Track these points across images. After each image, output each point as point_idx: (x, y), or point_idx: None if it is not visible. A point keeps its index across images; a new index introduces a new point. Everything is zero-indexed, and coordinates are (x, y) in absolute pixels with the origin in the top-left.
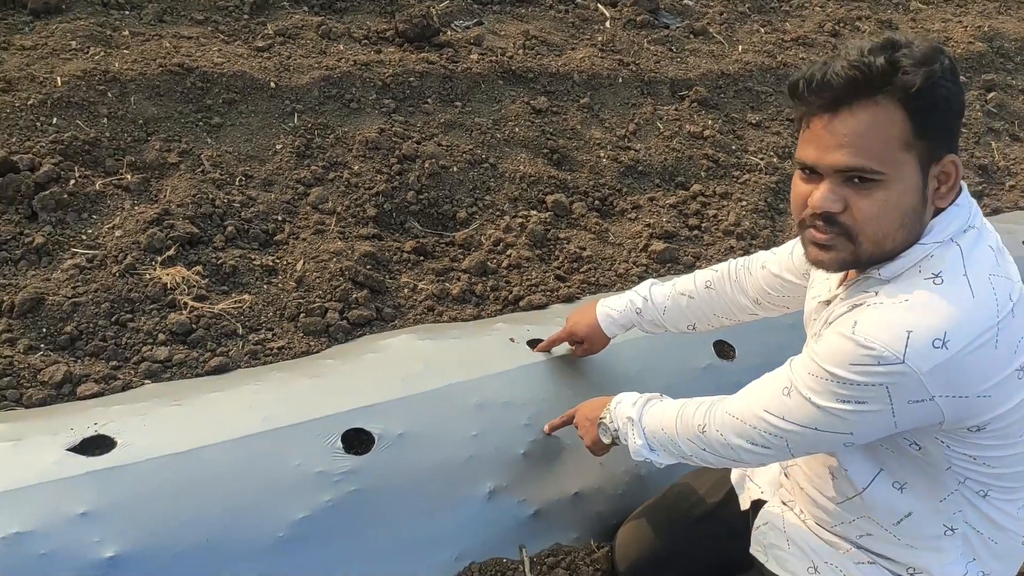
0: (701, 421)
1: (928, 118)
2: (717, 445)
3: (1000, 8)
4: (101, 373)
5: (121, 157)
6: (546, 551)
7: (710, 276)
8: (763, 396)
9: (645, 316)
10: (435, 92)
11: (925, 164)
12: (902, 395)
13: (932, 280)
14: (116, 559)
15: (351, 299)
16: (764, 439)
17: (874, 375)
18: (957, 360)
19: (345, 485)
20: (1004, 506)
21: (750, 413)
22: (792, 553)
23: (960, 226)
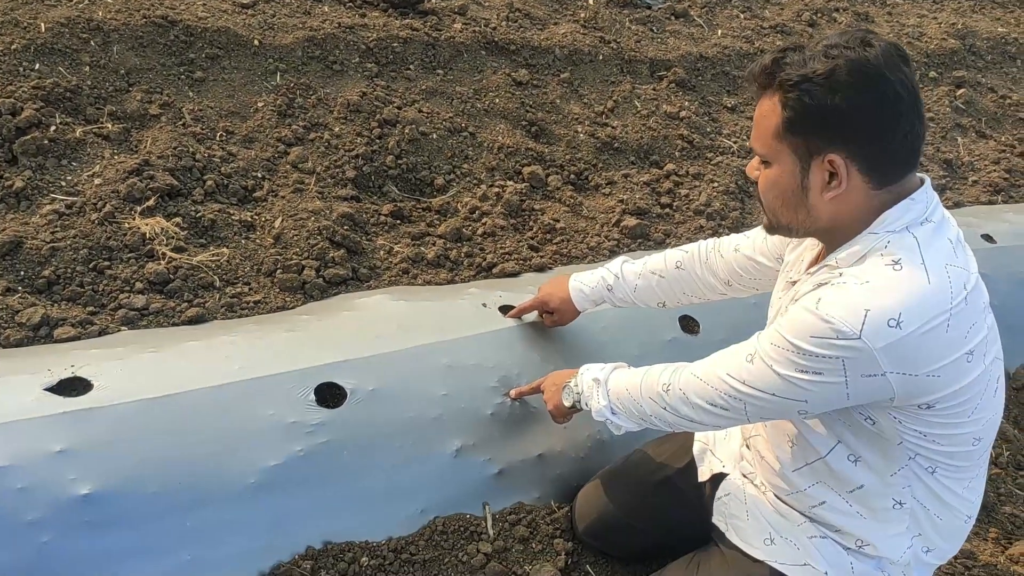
0: (666, 381)
1: (798, 117)
2: (679, 404)
3: (975, 7)
4: (78, 318)
5: (102, 106)
6: (508, 509)
7: (680, 256)
8: (728, 361)
9: (616, 293)
10: (418, 59)
11: (803, 156)
12: (856, 369)
13: (892, 266)
14: (90, 496)
15: (328, 258)
16: (724, 401)
17: (832, 348)
18: (909, 340)
19: (316, 436)
20: (951, 484)
21: (714, 376)
22: (750, 524)
23: (915, 218)
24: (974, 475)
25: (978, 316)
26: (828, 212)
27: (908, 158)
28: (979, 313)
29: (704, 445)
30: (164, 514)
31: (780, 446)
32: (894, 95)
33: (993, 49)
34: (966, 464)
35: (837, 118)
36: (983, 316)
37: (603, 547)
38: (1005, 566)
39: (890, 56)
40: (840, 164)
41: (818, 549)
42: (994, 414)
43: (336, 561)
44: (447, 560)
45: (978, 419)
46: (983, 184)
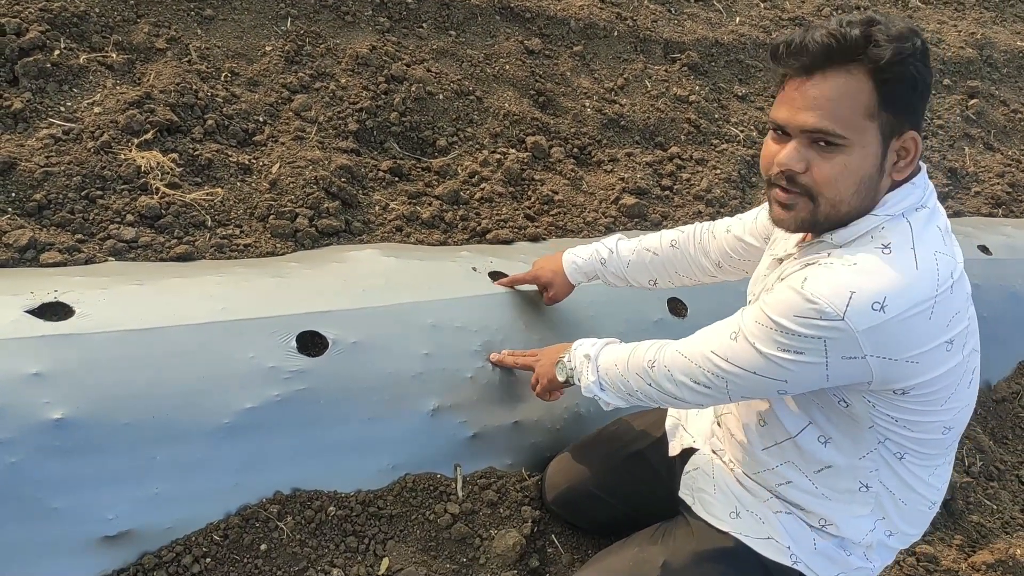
0: (652, 357)
1: (894, 91)
2: (663, 380)
3: (996, 18)
4: (66, 244)
5: (108, 35)
6: (479, 473)
7: (676, 236)
8: (712, 339)
9: (609, 267)
10: (431, 17)
11: (887, 136)
12: (837, 350)
13: (881, 249)
14: (62, 422)
15: (322, 208)
16: (707, 379)
17: (814, 328)
18: (892, 324)
19: (295, 383)
20: (918, 471)
21: (698, 353)
22: (717, 498)
23: (913, 203)
24: (941, 462)
25: (961, 305)
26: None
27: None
28: (962, 302)
29: (676, 421)
30: (135, 446)
31: (750, 425)
32: None
33: (1010, 62)
34: (934, 452)
35: (920, 94)
36: (965, 306)
37: (571, 517)
38: (966, 573)
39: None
40: (917, 141)
41: (782, 524)
42: (966, 405)
43: (303, 508)
44: (414, 517)
45: (950, 408)
46: (985, 196)
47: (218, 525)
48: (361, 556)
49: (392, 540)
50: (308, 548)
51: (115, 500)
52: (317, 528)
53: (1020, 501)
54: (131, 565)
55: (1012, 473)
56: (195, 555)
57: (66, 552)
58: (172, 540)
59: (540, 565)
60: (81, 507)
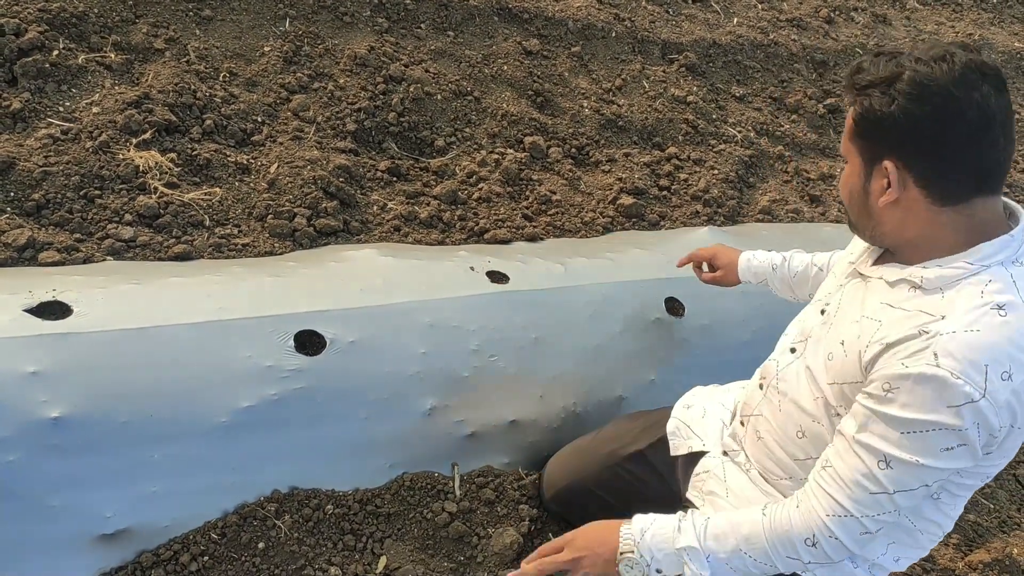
0: (806, 534)
1: (861, 120)
2: (831, 552)
3: (994, 19)
4: (64, 244)
5: (107, 35)
6: (477, 471)
7: None
8: (857, 480)
9: (778, 272)
10: (429, 18)
11: (867, 160)
12: (985, 428)
13: (997, 311)
14: (60, 420)
15: (320, 208)
16: (877, 522)
17: (969, 413)
18: (1017, 391)
19: (292, 382)
20: (946, 508)
21: (851, 504)
22: (730, 502)
23: (1009, 256)
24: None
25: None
26: (889, 221)
27: (975, 180)
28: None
29: (679, 421)
30: (132, 444)
31: (788, 434)
32: (955, 113)
33: (1007, 64)
34: (967, 494)
35: (890, 127)
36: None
37: (569, 516)
38: (963, 572)
39: (966, 75)
40: (892, 171)
41: None
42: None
43: (301, 507)
44: (411, 516)
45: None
46: None
47: (216, 523)
48: (359, 554)
49: (390, 539)
50: (306, 546)
51: (113, 498)
52: (315, 526)
53: (1017, 500)
54: (129, 563)
55: (1009, 472)
56: (193, 553)
57: (64, 550)
58: (170, 538)
59: None
60: (79, 505)
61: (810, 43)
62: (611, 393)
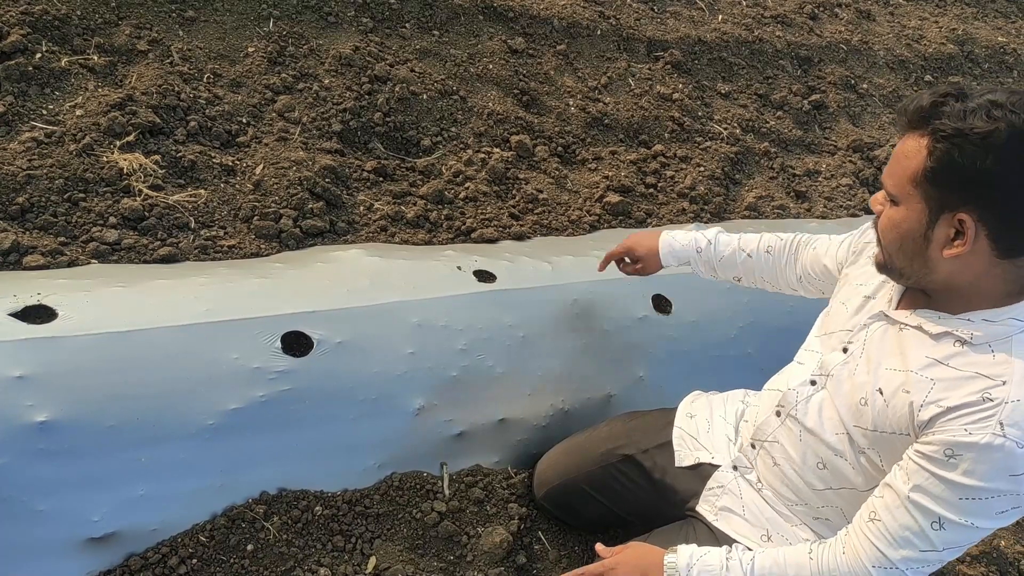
0: None
1: (942, 169)
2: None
3: (977, 14)
4: (49, 247)
5: (90, 37)
6: (466, 471)
7: (774, 242)
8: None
9: (703, 255)
10: (414, 17)
11: (935, 208)
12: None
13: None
14: (47, 424)
15: (306, 208)
16: (920, 574)
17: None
18: None
19: (280, 384)
20: None
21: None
22: (747, 519)
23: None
24: None
25: None
26: (945, 270)
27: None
28: None
29: (683, 432)
30: (120, 448)
31: (807, 464)
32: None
33: (991, 58)
34: None
35: (982, 181)
36: None
37: (560, 513)
38: (951, 565)
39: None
40: (970, 225)
41: None
42: None
43: (290, 508)
44: (401, 516)
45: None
46: None
47: (204, 526)
48: (348, 555)
49: (379, 539)
50: (295, 548)
51: (101, 502)
52: (304, 528)
53: None
54: (117, 567)
55: None
56: (181, 556)
57: (52, 554)
58: (158, 541)
59: (527, 562)
60: (66, 509)
61: (795, 39)
62: (600, 391)
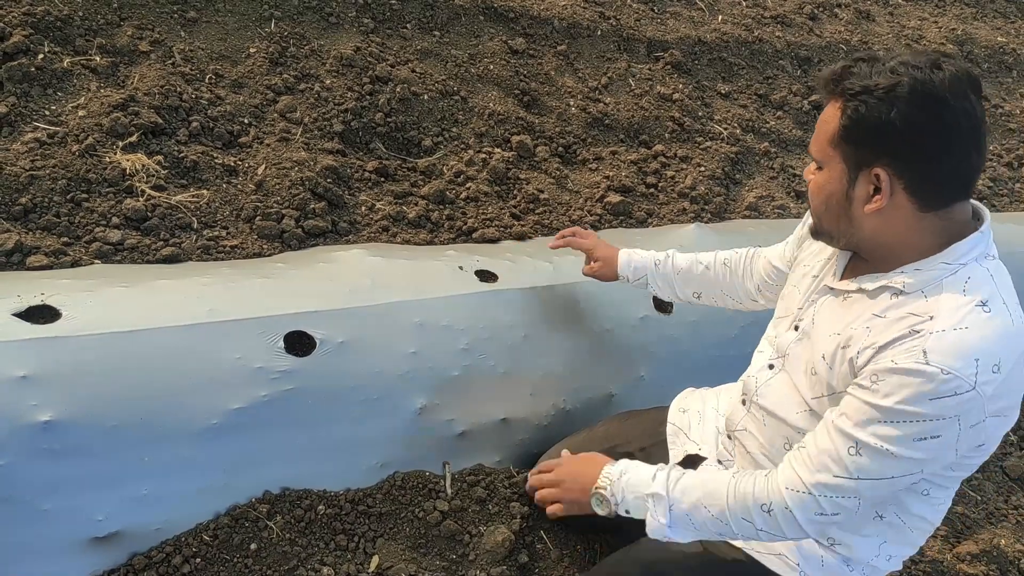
0: (764, 500)
1: (853, 126)
2: (785, 524)
3: (977, 14)
4: (52, 248)
5: (92, 38)
6: (468, 470)
7: (730, 255)
8: (825, 462)
9: (660, 270)
10: (415, 18)
11: (852, 166)
12: (968, 421)
13: (981, 308)
14: (51, 424)
15: (308, 209)
16: (835, 505)
17: (953, 406)
18: (1005, 383)
19: (282, 383)
20: (936, 503)
21: (814, 483)
22: None
23: (982, 252)
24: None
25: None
26: (870, 226)
27: (958, 186)
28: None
29: (677, 428)
30: (123, 447)
31: (775, 447)
32: (952, 121)
33: (990, 58)
34: (954, 487)
35: (889, 133)
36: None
37: None
38: (951, 563)
39: (957, 83)
40: (885, 179)
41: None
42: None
43: (293, 507)
44: (403, 515)
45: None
46: None
47: (208, 525)
48: (351, 554)
49: (382, 538)
50: (298, 547)
51: (104, 501)
52: (307, 527)
53: (1004, 492)
54: (121, 566)
55: (996, 464)
56: (185, 555)
57: (56, 553)
58: (162, 540)
59: (529, 561)
60: (70, 508)
61: (795, 40)
62: (601, 391)
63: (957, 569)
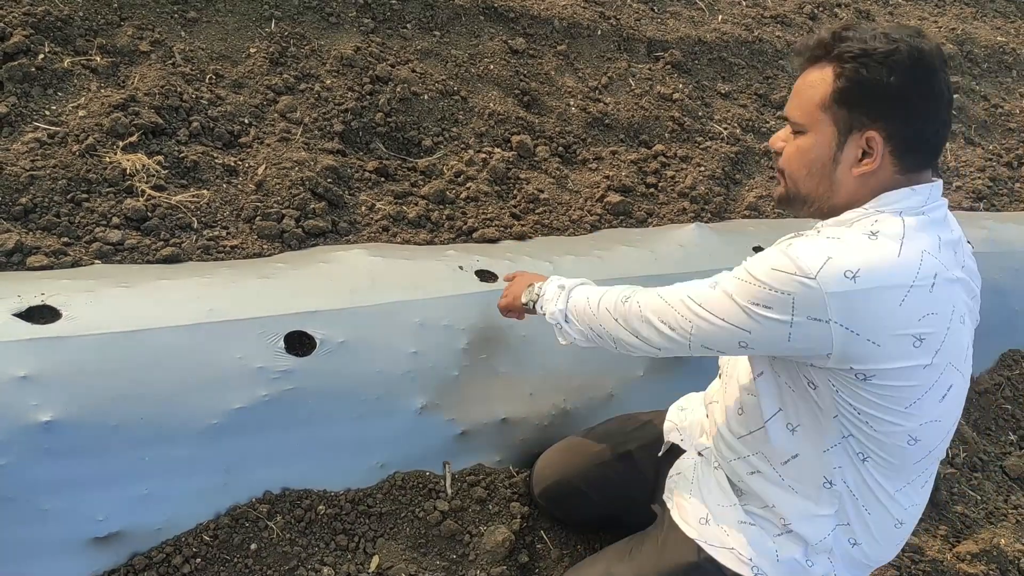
0: (627, 294)
1: (848, 88)
2: (632, 317)
3: (977, 14)
4: (52, 248)
5: (92, 38)
6: (468, 470)
7: None
8: (692, 287)
9: None
10: (415, 18)
11: (843, 129)
12: (804, 309)
13: (868, 235)
14: (51, 424)
15: (308, 209)
16: (675, 320)
17: (786, 283)
18: (859, 295)
19: (283, 383)
20: (883, 481)
21: (675, 296)
22: (691, 503)
23: (910, 206)
24: (909, 481)
25: (941, 311)
26: (850, 188)
27: (933, 152)
28: (944, 310)
29: (673, 424)
30: (124, 447)
31: (730, 412)
32: (940, 89)
33: (990, 57)
34: (898, 463)
35: (887, 96)
36: (948, 319)
37: (557, 512)
38: (951, 563)
39: (939, 54)
40: (878, 142)
41: (744, 535)
42: (935, 421)
43: (293, 507)
44: (403, 515)
45: (914, 416)
46: (966, 190)
47: (208, 525)
48: (351, 554)
49: (382, 538)
50: (298, 547)
51: (105, 501)
52: (307, 527)
53: (1003, 491)
54: (121, 566)
55: (995, 464)
56: (185, 555)
57: (57, 553)
58: (162, 540)
59: (529, 560)
60: (71, 508)
61: (795, 39)
62: (601, 390)
63: (957, 568)
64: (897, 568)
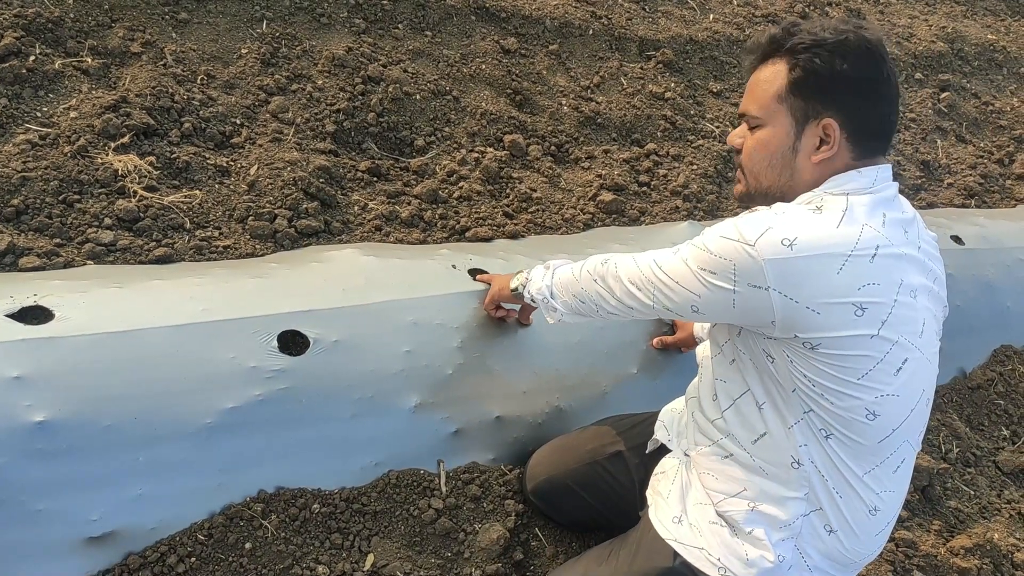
0: (607, 257)
1: (805, 78)
2: (611, 280)
3: (967, 12)
4: (44, 249)
5: (83, 40)
6: (462, 468)
7: None
8: (661, 252)
9: None
10: (407, 18)
11: (800, 119)
12: (744, 276)
13: (812, 209)
14: (45, 424)
15: (301, 209)
16: (643, 282)
17: (729, 251)
18: (796, 262)
19: (276, 383)
20: (849, 461)
21: (644, 261)
22: (669, 502)
23: (858, 187)
24: (877, 464)
25: (883, 281)
26: (810, 176)
27: (886, 136)
28: (888, 283)
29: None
30: (117, 447)
31: (706, 401)
32: (888, 76)
33: (980, 55)
34: (861, 441)
35: (840, 82)
36: (895, 292)
37: (549, 511)
38: (945, 557)
39: (883, 43)
40: (834, 129)
41: (715, 535)
42: (894, 396)
43: (287, 506)
44: (398, 513)
45: (869, 388)
46: (958, 187)
47: (202, 524)
48: (346, 553)
49: (376, 536)
50: (293, 546)
51: (99, 501)
52: (301, 526)
53: (997, 486)
54: (116, 566)
55: (988, 459)
56: (180, 555)
57: (51, 554)
58: (157, 540)
59: (524, 558)
60: (65, 509)
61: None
62: (595, 388)
63: (951, 563)
64: (891, 563)
